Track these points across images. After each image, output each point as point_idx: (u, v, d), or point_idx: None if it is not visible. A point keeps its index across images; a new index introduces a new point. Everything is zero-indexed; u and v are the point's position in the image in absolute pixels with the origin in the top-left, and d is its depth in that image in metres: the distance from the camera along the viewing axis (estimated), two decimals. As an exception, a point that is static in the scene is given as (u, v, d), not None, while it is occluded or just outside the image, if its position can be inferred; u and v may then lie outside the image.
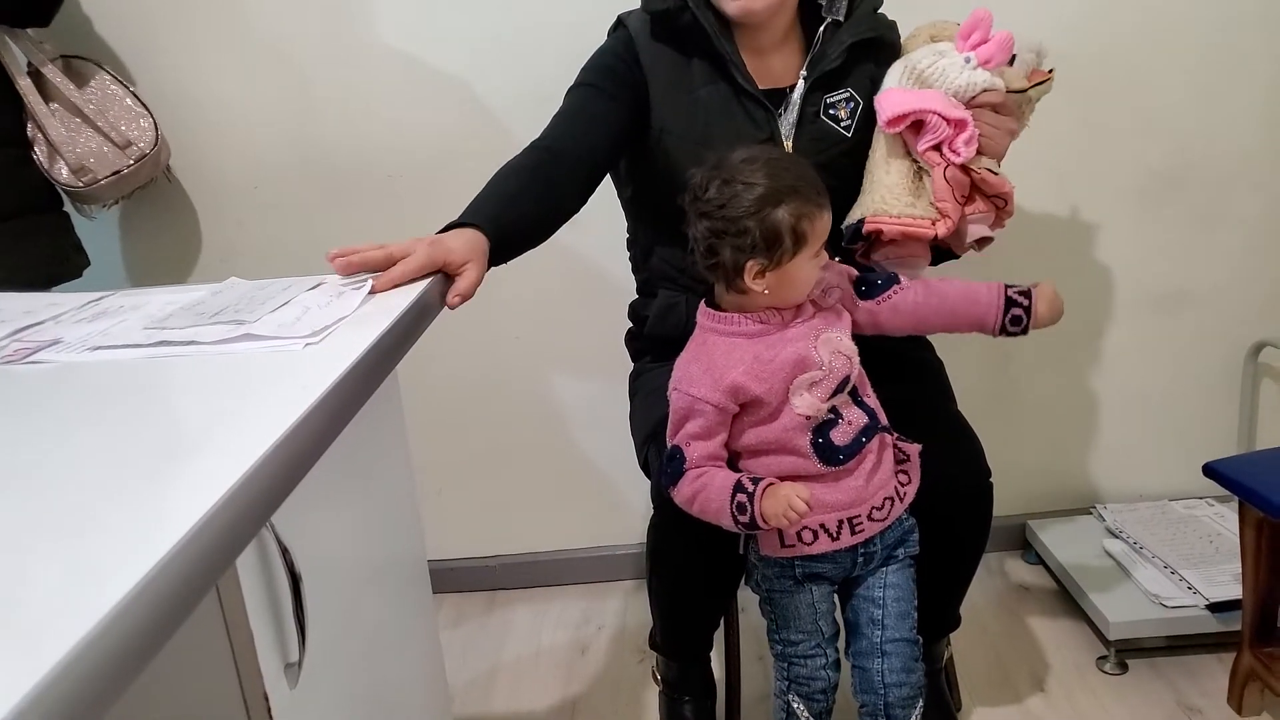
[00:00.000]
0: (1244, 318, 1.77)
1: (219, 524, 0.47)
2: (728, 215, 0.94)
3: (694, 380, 1.01)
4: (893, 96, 1.12)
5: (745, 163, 0.96)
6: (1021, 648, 1.62)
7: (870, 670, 1.11)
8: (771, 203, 0.93)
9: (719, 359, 1.00)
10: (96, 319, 0.89)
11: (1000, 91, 1.12)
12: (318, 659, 0.69)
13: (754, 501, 0.97)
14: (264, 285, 0.93)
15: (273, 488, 0.53)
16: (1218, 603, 1.48)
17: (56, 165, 1.45)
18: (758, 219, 0.93)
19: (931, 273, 1.21)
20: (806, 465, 1.02)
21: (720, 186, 0.95)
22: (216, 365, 0.74)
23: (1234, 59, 1.63)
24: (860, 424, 1.03)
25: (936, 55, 1.13)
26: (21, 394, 0.70)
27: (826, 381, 1.00)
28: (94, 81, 1.50)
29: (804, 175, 0.97)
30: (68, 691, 0.35)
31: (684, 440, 1.02)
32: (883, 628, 1.10)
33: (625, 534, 1.92)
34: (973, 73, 1.10)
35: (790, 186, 0.95)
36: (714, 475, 1.01)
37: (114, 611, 0.39)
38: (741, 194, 0.94)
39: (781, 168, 0.96)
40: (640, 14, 1.24)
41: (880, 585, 1.11)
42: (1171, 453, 1.84)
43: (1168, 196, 1.70)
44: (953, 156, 1.10)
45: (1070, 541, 1.75)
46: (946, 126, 1.09)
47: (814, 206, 0.96)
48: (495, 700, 1.61)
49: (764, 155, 0.97)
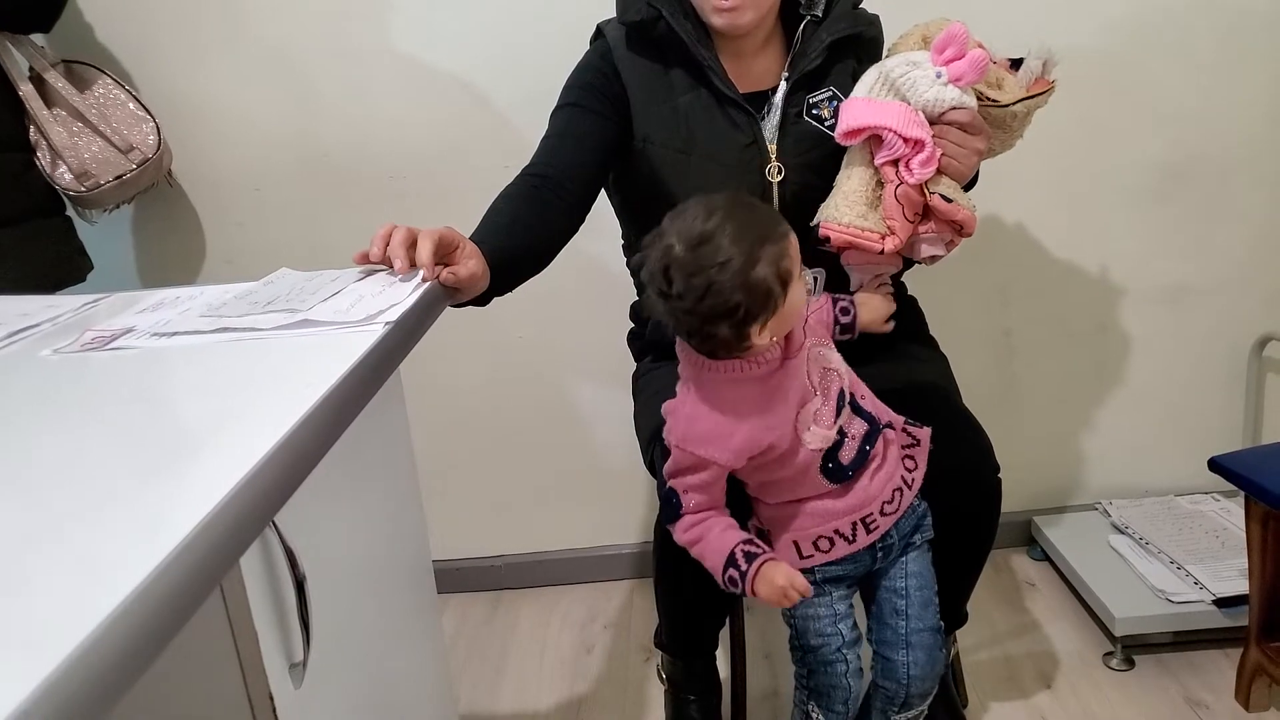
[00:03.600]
0: (1249, 312, 1.76)
1: (222, 523, 0.47)
2: (713, 302, 0.88)
3: (700, 441, 0.97)
4: (854, 108, 1.10)
5: (702, 245, 0.87)
6: (1027, 644, 1.62)
7: (895, 661, 1.10)
8: (749, 267, 0.87)
9: (724, 416, 0.96)
10: (158, 309, 0.91)
11: (970, 110, 1.07)
12: (322, 659, 0.69)
13: (746, 580, 0.97)
14: (312, 276, 0.95)
15: (275, 487, 0.53)
16: (1224, 598, 1.48)
17: (59, 170, 1.45)
18: (745, 290, 0.87)
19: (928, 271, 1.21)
20: (817, 487, 1.02)
21: (688, 280, 0.87)
22: (225, 359, 0.74)
23: (1238, 53, 1.62)
24: (862, 433, 1.02)
25: (910, 66, 1.08)
26: (71, 383, 0.71)
27: (826, 407, 0.99)
28: (96, 86, 1.50)
29: (756, 213, 0.90)
30: (71, 691, 0.35)
31: (681, 488, 1.00)
32: (907, 618, 1.10)
33: (630, 532, 1.92)
34: (942, 89, 1.05)
35: (757, 237, 0.88)
36: (711, 528, 1.00)
37: (118, 611, 0.39)
38: (716, 277, 0.86)
39: (738, 224, 0.88)
40: (617, 24, 1.23)
41: (902, 575, 1.10)
42: (1177, 448, 1.83)
43: (1172, 191, 1.70)
44: (906, 176, 1.07)
45: (1076, 537, 1.75)
46: (903, 145, 1.06)
47: (783, 241, 0.90)
48: (501, 700, 1.61)
49: (715, 223, 0.88)
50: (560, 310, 1.74)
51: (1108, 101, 1.64)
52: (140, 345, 0.81)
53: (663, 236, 0.90)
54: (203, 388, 0.71)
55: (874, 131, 1.07)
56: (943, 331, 1.38)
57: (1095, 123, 1.65)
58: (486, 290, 1.02)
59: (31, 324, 0.90)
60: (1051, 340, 1.79)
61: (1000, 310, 1.78)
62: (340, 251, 0.99)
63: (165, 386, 0.73)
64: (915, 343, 1.34)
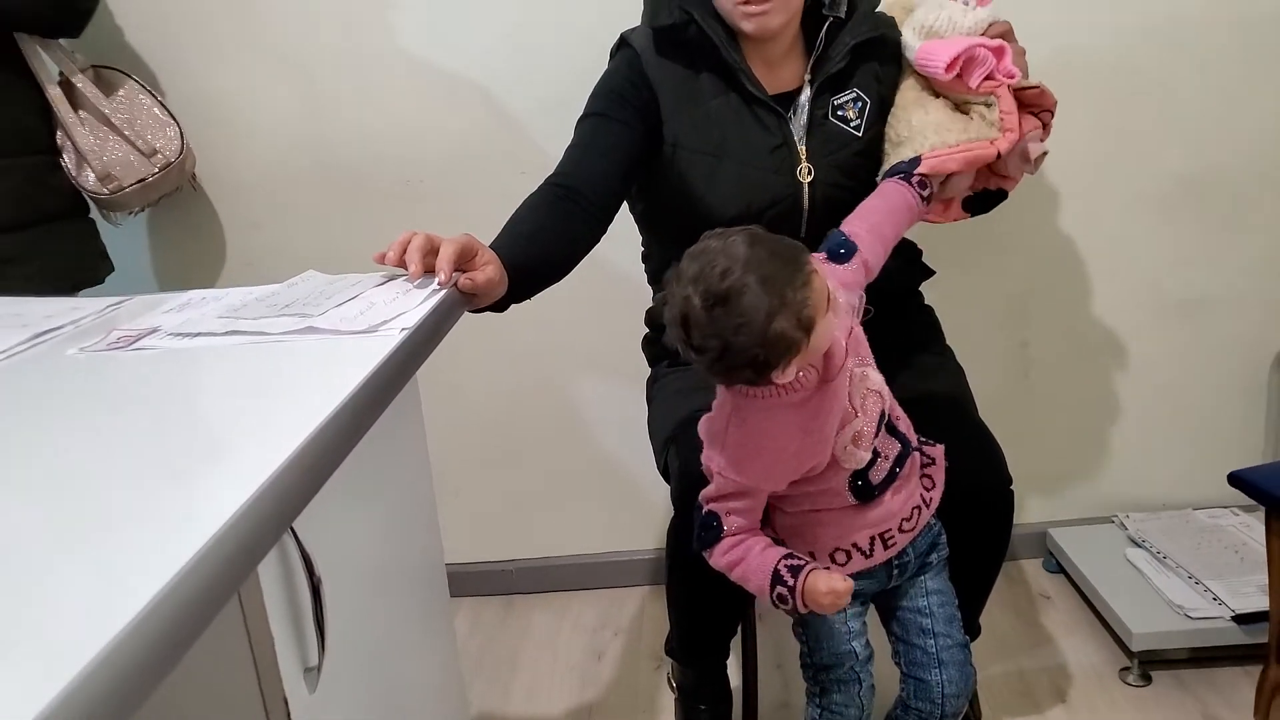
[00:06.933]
0: (1269, 325, 1.74)
1: (242, 530, 0.47)
2: (733, 358, 0.86)
3: (742, 466, 0.97)
4: (936, 49, 1.15)
5: (719, 304, 0.84)
6: (1042, 658, 1.60)
7: (929, 682, 1.09)
8: (768, 323, 0.84)
9: (766, 443, 0.96)
10: (183, 309, 0.93)
11: (1004, 21, 1.17)
12: (337, 663, 0.70)
13: (795, 595, 0.96)
14: (335, 280, 0.96)
15: (295, 493, 0.54)
16: (1244, 614, 1.46)
17: (84, 173, 1.47)
18: (764, 346, 0.85)
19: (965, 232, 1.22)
20: (841, 501, 1.01)
21: (705, 339, 0.86)
22: (247, 362, 0.75)
23: (1257, 65, 1.61)
24: (894, 454, 1.02)
25: (937, 9, 1.17)
26: (85, 383, 0.72)
27: (867, 428, 0.99)
28: (123, 91, 1.52)
29: (777, 260, 0.85)
30: (92, 697, 0.36)
31: (723, 510, 1.00)
32: (934, 636, 1.09)
33: (643, 539, 1.91)
34: (975, 12, 1.16)
35: (777, 293, 0.84)
36: (751, 548, 0.99)
37: (137, 619, 0.39)
38: (733, 339, 0.85)
39: (757, 276, 0.84)
40: (645, 30, 1.23)
41: (923, 594, 1.10)
42: (1195, 461, 1.81)
43: (1191, 202, 1.68)
44: (1008, 79, 1.13)
45: (1092, 550, 1.73)
46: (991, 56, 1.13)
47: (804, 289, 0.85)
48: (511, 704, 1.61)
49: (733, 280, 0.84)
50: (576, 315, 1.75)
51: (1129, 113, 1.63)
52: (163, 345, 0.82)
53: (681, 282, 0.87)
54: (225, 390, 0.72)
55: (969, 53, 1.13)
56: (960, 342, 1.37)
57: (1116, 134, 1.64)
58: (505, 297, 1.02)
59: (56, 325, 0.91)
60: (1069, 352, 1.78)
61: (1018, 321, 1.76)
62: (358, 255, 0.99)
63: (188, 388, 0.73)
64: (931, 353, 1.33)
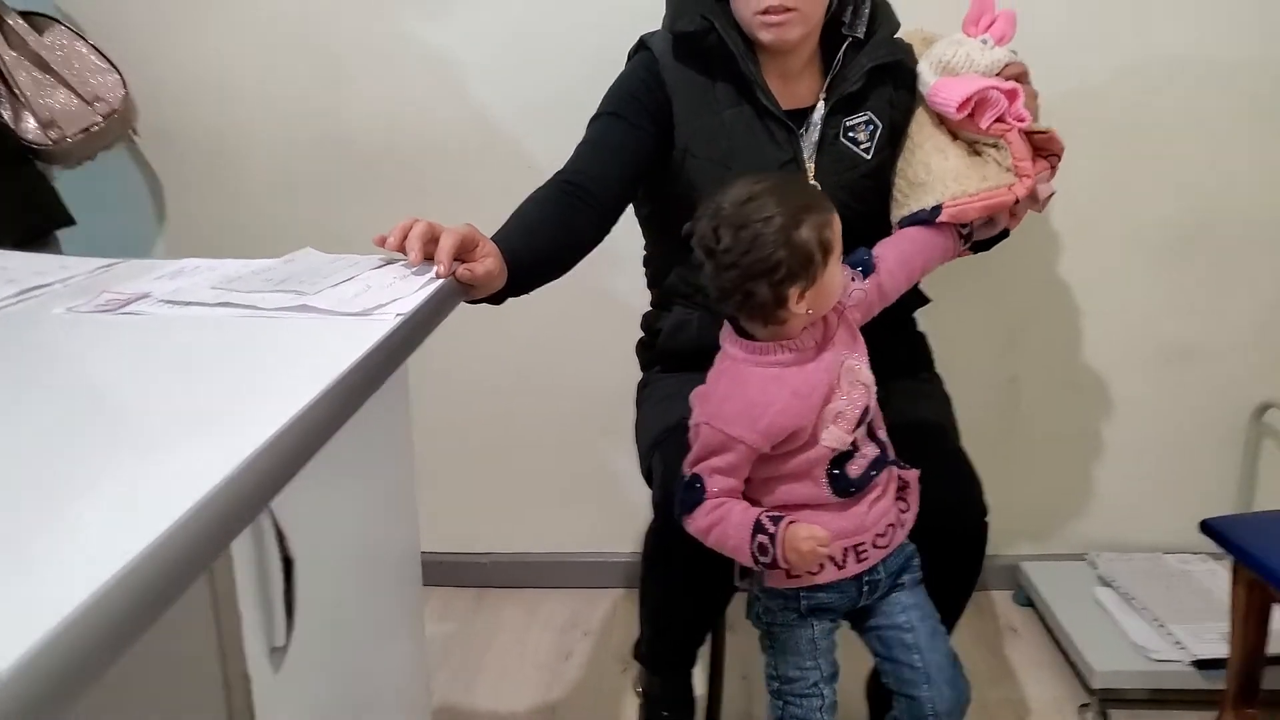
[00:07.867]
0: (1251, 378, 1.76)
1: (217, 506, 0.47)
2: (756, 256, 0.93)
3: (730, 419, 0.99)
4: (949, 87, 1.16)
5: (749, 201, 0.94)
6: (1005, 689, 1.61)
7: (920, 699, 1.08)
8: (793, 227, 0.93)
9: (756, 396, 0.99)
10: (175, 277, 0.92)
11: (1020, 62, 1.18)
12: (303, 644, 0.69)
13: (776, 544, 0.96)
14: (333, 260, 0.95)
15: (275, 473, 0.53)
16: (1204, 660, 1.48)
17: (24, 120, 1.42)
18: (787, 248, 0.93)
19: (963, 264, 1.23)
20: (818, 494, 1.02)
21: (735, 233, 0.94)
22: (237, 336, 0.75)
23: (1256, 120, 1.63)
24: (872, 456, 1.03)
25: (955, 45, 1.18)
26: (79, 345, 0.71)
27: (849, 412, 1.00)
28: (56, 36, 1.47)
29: (805, 189, 0.98)
30: (51, 666, 0.35)
31: (706, 471, 1.00)
32: (920, 650, 1.08)
33: (618, 541, 1.91)
34: (992, 51, 1.16)
35: (802, 204, 0.95)
36: (732, 508, 1.00)
37: (102, 590, 0.39)
38: (762, 231, 0.93)
39: (785, 191, 0.96)
40: (664, 34, 1.24)
41: (900, 610, 1.10)
42: (1169, 506, 1.83)
43: (1183, 253, 1.70)
44: (1018, 122, 1.14)
45: (1062, 586, 1.75)
46: (1004, 99, 1.14)
47: (828, 214, 0.97)
48: (476, 698, 1.61)
49: (763, 186, 0.96)
50: (571, 313, 1.74)
51: (1124, 163, 1.65)
52: (152, 311, 0.81)
53: (713, 201, 0.97)
54: (212, 362, 0.71)
55: (980, 95, 1.14)
56: (949, 371, 1.38)
57: (1116, 183, 1.66)
58: (503, 289, 1.02)
59: (45, 282, 0.91)
60: (1056, 389, 1.79)
61: (1008, 355, 1.78)
62: (359, 236, 0.99)
63: (174, 357, 0.73)
64: (919, 379, 1.34)
